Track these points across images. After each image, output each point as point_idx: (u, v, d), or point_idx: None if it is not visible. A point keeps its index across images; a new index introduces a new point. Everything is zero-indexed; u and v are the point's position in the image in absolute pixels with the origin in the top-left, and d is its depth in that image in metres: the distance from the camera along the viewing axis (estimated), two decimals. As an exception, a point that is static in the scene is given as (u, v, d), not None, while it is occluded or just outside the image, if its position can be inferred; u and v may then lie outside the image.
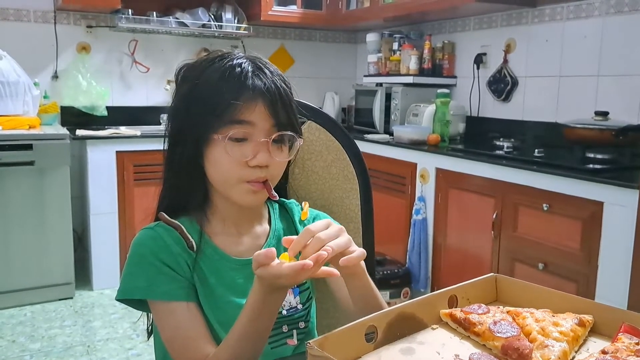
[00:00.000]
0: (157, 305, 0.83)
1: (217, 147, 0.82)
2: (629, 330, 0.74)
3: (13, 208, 2.71)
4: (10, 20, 3.14)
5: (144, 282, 0.82)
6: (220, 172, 0.84)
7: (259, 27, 3.73)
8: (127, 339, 2.46)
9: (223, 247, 0.88)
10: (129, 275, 0.84)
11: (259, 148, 0.82)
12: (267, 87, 0.82)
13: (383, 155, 2.97)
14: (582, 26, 2.57)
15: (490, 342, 0.74)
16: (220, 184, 0.86)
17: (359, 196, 1.16)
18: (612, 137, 2.18)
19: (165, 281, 0.82)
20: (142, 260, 0.83)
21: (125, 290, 0.83)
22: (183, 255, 0.84)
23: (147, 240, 0.84)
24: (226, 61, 0.84)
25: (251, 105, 0.81)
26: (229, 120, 0.80)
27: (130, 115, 3.45)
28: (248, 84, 0.81)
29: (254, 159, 0.81)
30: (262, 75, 0.83)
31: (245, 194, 0.84)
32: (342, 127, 1.17)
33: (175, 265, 0.83)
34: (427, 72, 3.26)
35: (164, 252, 0.83)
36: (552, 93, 2.73)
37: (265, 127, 0.82)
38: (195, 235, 0.86)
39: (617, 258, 1.84)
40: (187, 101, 0.85)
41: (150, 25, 3.30)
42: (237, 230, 0.91)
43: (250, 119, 0.81)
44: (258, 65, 0.84)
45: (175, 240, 0.84)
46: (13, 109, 2.84)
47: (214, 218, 0.90)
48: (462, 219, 2.50)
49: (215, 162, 0.83)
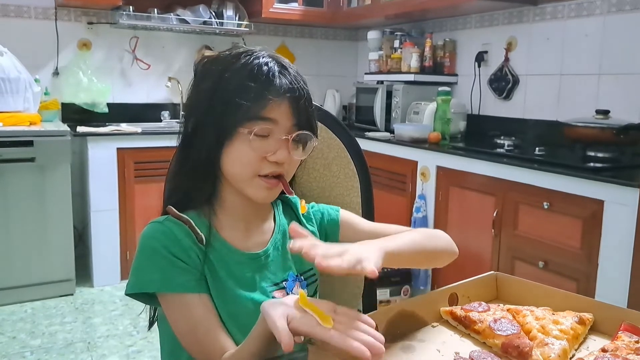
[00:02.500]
0: (170, 298, 0.83)
1: (240, 141, 0.84)
2: (628, 328, 0.74)
3: (14, 204, 2.71)
4: (11, 16, 3.13)
5: (158, 275, 0.82)
6: (239, 166, 0.85)
7: (260, 25, 3.73)
8: (128, 336, 2.46)
9: (231, 241, 0.90)
10: (141, 268, 0.84)
11: (279, 145, 0.84)
12: (292, 88, 0.85)
13: (384, 153, 2.97)
14: (584, 24, 2.57)
15: (490, 340, 0.74)
16: (235, 178, 0.87)
17: (359, 194, 1.16)
18: (613, 135, 2.18)
19: (179, 273, 0.83)
20: (154, 253, 0.83)
21: (138, 284, 0.83)
22: (194, 248, 0.85)
23: (157, 233, 0.85)
24: (252, 58, 0.86)
25: (277, 104, 0.83)
26: (255, 116, 0.83)
27: (131, 113, 3.45)
28: (276, 82, 0.84)
29: (274, 155, 0.84)
30: (288, 75, 0.86)
31: (260, 189, 0.86)
32: (343, 124, 1.17)
33: (187, 258, 0.84)
34: (428, 70, 3.26)
35: (175, 245, 0.84)
36: (553, 91, 2.72)
37: (286, 125, 0.85)
38: (204, 230, 0.87)
39: (618, 257, 1.84)
40: (210, 95, 0.86)
41: (151, 22, 3.29)
42: (244, 225, 0.92)
43: (274, 116, 0.84)
44: (283, 65, 0.87)
45: (185, 233, 0.85)
46: (14, 105, 2.84)
47: (222, 213, 0.91)
48: (463, 217, 2.50)
49: (236, 156, 0.85)
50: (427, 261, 0.90)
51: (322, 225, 1.01)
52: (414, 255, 0.86)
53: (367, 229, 1.00)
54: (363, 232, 0.98)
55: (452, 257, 0.95)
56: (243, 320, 0.74)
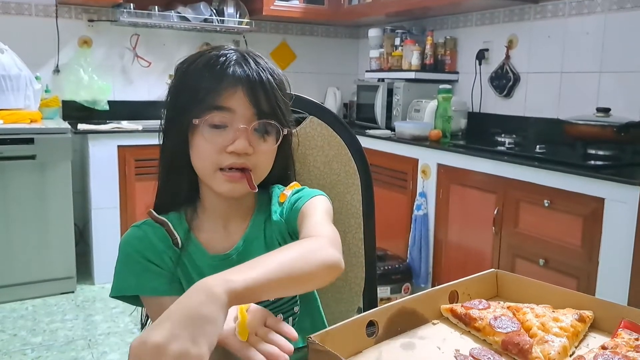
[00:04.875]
0: (148, 301, 0.86)
1: (198, 134, 0.84)
2: (628, 326, 0.74)
3: (14, 202, 2.71)
4: (12, 14, 3.13)
5: (133, 280, 0.85)
6: (200, 159, 0.85)
7: (261, 22, 3.72)
8: (129, 333, 2.47)
9: (206, 244, 0.89)
10: (119, 273, 0.86)
11: (238, 135, 0.82)
12: (247, 75, 0.83)
13: (384, 150, 2.97)
14: (584, 22, 2.56)
15: (490, 337, 0.74)
16: (201, 172, 0.87)
17: (360, 192, 1.16)
18: (614, 133, 2.17)
19: (153, 278, 0.85)
20: (129, 259, 0.86)
21: (118, 288, 0.86)
22: (167, 252, 0.86)
23: (132, 239, 0.87)
24: (213, 52, 0.86)
25: (230, 92, 0.82)
26: (209, 106, 0.82)
27: (132, 110, 3.44)
28: (229, 71, 0.83)
29: (232, 145, 0.82)
30: (245, 65, 0.84)
31: (223, 183, 0.85)
32: (343, 122, 1.17)
33: (160, 262, 0.85)
34: (429, 68, 3.26)
35: (148, 250, 0.85)
36: (554, 89, 2.72)
37: (246, 115, 0.83)
38: (182, 232, 0.88)
39: (618, 254, 1.84)
40: (175, 92, 0.88)
41: (152, 19, 3.29)
42: (223, 224, 0.91)
43: (229, 105, 0.82)
44: (244, 56, 0.86)
45: (161, 237, 0.86)
46: (14, 102, 2.84)
47: (202, 213, 0.91)
48: (463, 214, 2.50)
49: (196, 149, 0.85)
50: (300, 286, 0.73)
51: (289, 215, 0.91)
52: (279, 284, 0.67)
53: (310, 224, 0.84)
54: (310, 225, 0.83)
55: (334, 273, 0.74)
56: None
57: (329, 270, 0.73)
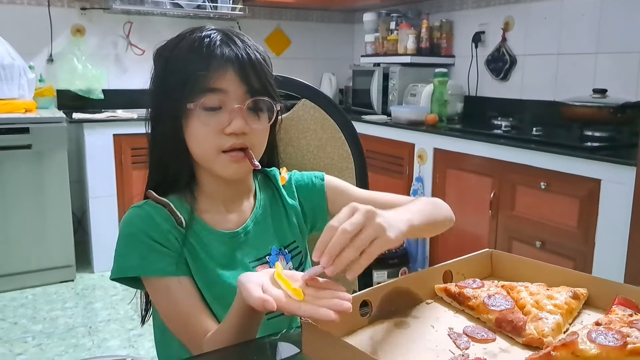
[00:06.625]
0: (152, 282, 0.84)
1: (193, 118, 0.83)
2: (623, 302, 0.74)
3: (12, 192, 2.71)
4: (4, 2, 3.10)
5: (137, 260, 0.83)
6: (199, 144, 0.84)
7: (254, 8, 3.69)
8: (129, 320, 2.48)
9: (211, 223, 0.89)
10: (121, 254, 0.84)
11: (233, 115, 0.82)
12: (236, 54, 0.82)
13: (381, 136, 2.96)
14: (581, 4, 2.54)
15: (484, 316, 0.74)
16: (201, 157, 0.86)
17: (354, 175, 1.15)
18: (610, 114, 2.17)
19: (158, 258, 0.83)
20: (133, 238, 0.84)
21: (119, 269, 0.84)
22: (173, 231, 0.84)
23: (136, 218, 0.85)
24: (196, 34, 0.85)
25: (221, 73, 0.81)
26: (200, 89, 0.81)
27: (127, 99, 3.42)
28: (216, 52, 0.82)
29: (229, 126, 0.82)
30: (232, 44, 0.83)
31: (226, 165, 0.84)
32: (337, 105, 1.17)
33: (166, 242, 0.84)
34: (424, 52, 3.24)
35: (153, 229, 0.84)
36: (550, 71, 2.71)
37: (238, 94, 0.83)
38: (185, 213, 0.86)
39: (614, 236, 1.85)
40: (161, 78, 0.86)
41: (145, 6, 3.26)
42: (225, 207, 0.91)
43: (221, 86, 0.82)
44: (229, 35, 0.85)
45: (164, 217, 0.85)
46: (8, 92, 2.83)
47: (201, 196, 0.90)
48: (460, 198, 2.50)
49: (193, 135, 0.84)
50: (434, 231, 0.88)
51: (306, 195, 0.98)
52: (426, 227, 0.83)
53: (362, 196, 0.96)
54: (357, 199, 0.88)
55: (451, 224, 0.94)
56: (229, 299, 0.74)
57: (449, 222, 0.92)
